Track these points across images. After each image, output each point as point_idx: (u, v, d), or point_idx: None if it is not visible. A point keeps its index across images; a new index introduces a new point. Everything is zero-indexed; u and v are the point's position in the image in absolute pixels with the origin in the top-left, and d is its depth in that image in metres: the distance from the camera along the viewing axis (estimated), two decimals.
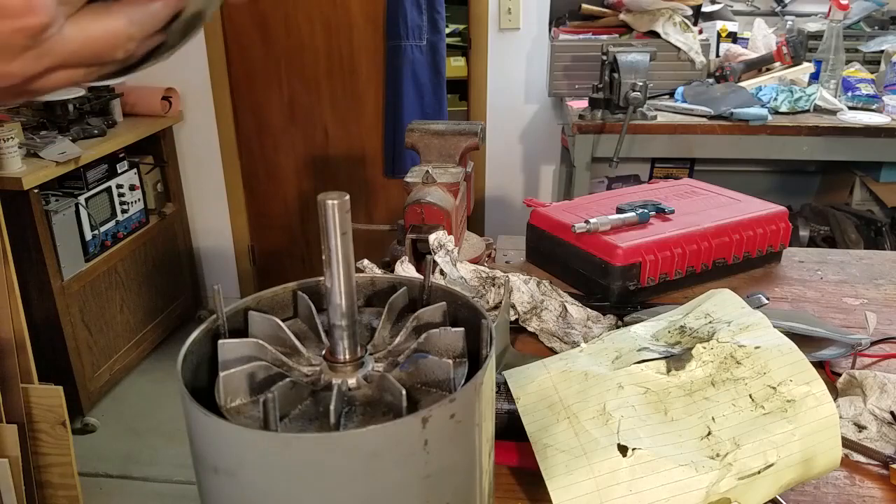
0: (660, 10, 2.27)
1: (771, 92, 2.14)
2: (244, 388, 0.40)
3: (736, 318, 0.69)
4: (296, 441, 0.34)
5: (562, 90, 2.37)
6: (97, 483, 2.17)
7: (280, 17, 2.70)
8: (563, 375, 0.64)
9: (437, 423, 0.35)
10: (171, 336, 2.82)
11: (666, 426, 0.59)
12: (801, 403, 0.59)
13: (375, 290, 0.50)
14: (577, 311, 0.90)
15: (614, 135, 2.00)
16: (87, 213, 2.25)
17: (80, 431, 2.33)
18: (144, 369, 2.68)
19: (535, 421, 0.61)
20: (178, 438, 2.31)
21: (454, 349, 0.43)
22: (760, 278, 1.09)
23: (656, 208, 1.06)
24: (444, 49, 2.63)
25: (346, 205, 0.37)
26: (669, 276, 1.00)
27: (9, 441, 1.62)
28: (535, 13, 2.59)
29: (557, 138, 2.75)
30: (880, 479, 0.65)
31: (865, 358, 0.85)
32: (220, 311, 0.43)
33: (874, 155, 2.08)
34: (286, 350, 0.43)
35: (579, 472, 0.55)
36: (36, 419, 1.70)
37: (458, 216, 1.08)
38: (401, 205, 1.07)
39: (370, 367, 0.41)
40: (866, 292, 1.04)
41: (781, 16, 2.57)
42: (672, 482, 0.55)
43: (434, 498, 0.37)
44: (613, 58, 2.00)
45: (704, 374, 0.62)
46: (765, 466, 0.56)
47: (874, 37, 2.40)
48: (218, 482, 0.36)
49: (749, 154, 2.14)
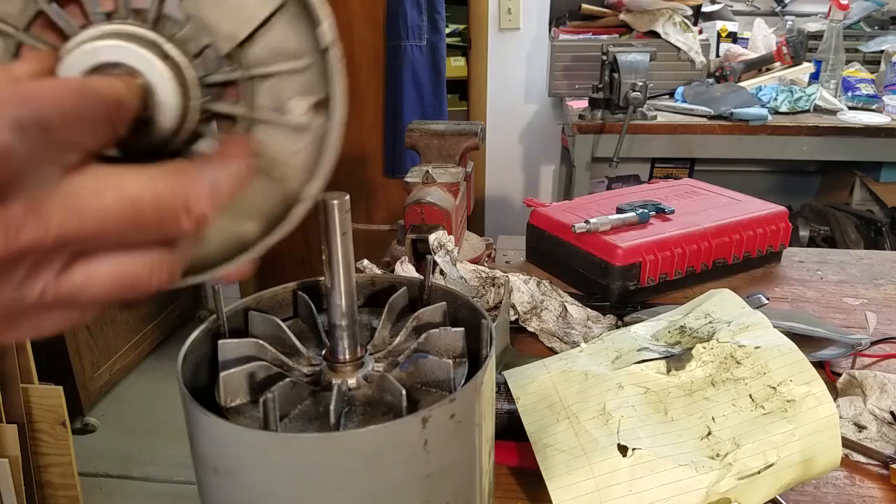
0: (660, 10, 2.27)
1: (771, 92, 2.14)
2: (244, 388, 0.40)
3: (736, 318, 0.69)
4: (296, 441, 0.34)
5: (562, 90, 2.37)
6: (97, 483, 2.17)
7: None
8: (563, 375, 0.64)
9: (437, 423, 0.35)
10: (171, 336, 2.82)
11: (666, 426, 0.59)
12: (801, 403, 0.59)
13: (375, 290, 0.50)
14: (577, 311, 0.90)
15: (614, 135, 2.00)
16: None
17: (80, 431, 2.33)
18: (144, 369, 2.68)
19: (535, 421, 0.61)
20: (178, 438, 2.31)
21: (454, 349, 0.43)
22: (760, 278, 1.09)
23: (656, 208, 1.06)
24: (444, 49, 2.63)
25: (346, 205, 0.37)
26: (669, 276, 1.00)
27: (9, 441, 1.62)
28: (535, 13, 2.59)
29: (557, 138, 2.75)
30: (880, 479, 0.65)
31: (865, 358, 0.85)
32: (220, 311, 0.43)
33: (874, 155, 2.08)
34: (286, 350, 0.43)
35: (579, 472, 0.55)
36: (36, 419, 1.70)
37: (458, 216, 1.08)
38: (401, 205, 1.07)
39: (370, 367, 0.41)
40: (866, 292, 1.04)
41: (781, 16, 2.57)
42: (672, 482, 0.55)
43: (434, 498, 0.37)
44: (613, 58, 2.00)
45: (704, 374, 0.62)
46: (765, 466, 0.56)
47: (874, 37, 2.40)
48: (218, 482, 0.36)
49: (749, 154, 2.14)
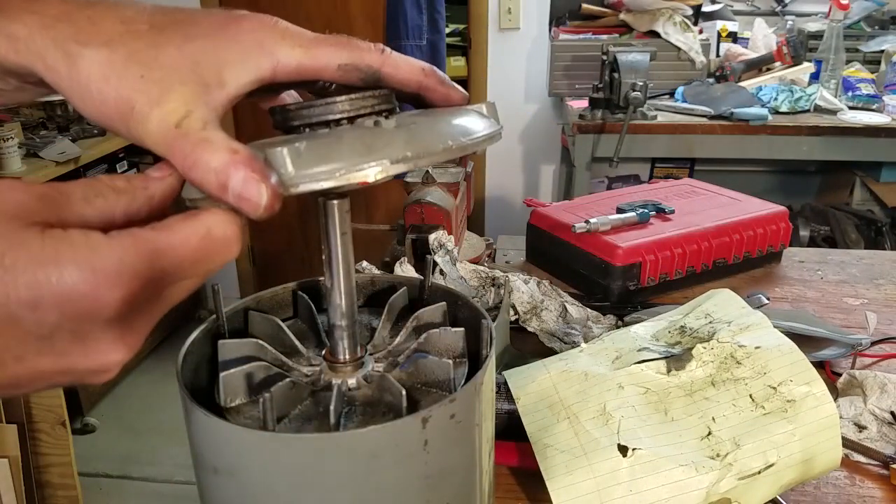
0: (660, 10, 2.27)
1: (771, 92, 2.14)
2: (244, 389, 0.40)
3: (736, 318, 0.69)
4: (296, 441, 0.34)
5: (562, 90, 2.37)
6: (97, 483, 2.17)
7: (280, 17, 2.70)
8: (563, 375, 0.64)
9: (437, 424, 0.35)
10: (170, 336, 2.82)
11: (666, 426, 0.59)
12: (802, 403, 0.58)
13: (375, 290, 0.50)
14: (577, 311, 0.90)
15: (614, 135, 2.00)
16: None
17: (79, 431, 2.33)
18: (144, 369, 2.68)
19: (535, 421, 0.61)
20: (178, 438, 2.31)
21: (454, 349, 0.43)
22: (761, 278, 1.09)
23: (656, 208, 1.06)
24: (444, 49, 2.63)
25: (346, 205, 0.37)
26: (669, 276, 1.00)
27: (9, 441, 1.62)
28: (535, 13, 2.59)
29: (557, 138, 2.75)
30: (880, 479, 0.65)
31: (865, 358, 0.85)
32: (219, 311, 0.43)
33: (874, 155, 2.08)
34: (286, 350, 0.43)
35: (579, 472, 0.55)
36: (36, 419, 1.70)
37: (458, 216, 1.08)
38: (401, 205, 1.07)
39: (370, 367, 0.41)
40: (866, 292, 1.04)
41: (781, 16, 2.57)
42: (672, 482, 0.55)
43: (434, 498, 0.37)
44: (613, 58, 2.00)
45: (704, 374, 0.62)
46: (765, 466, 0.56)
47: (874, 37, 2.40)
48: (218, 482, 0.36)
49: (749, 154, 2.14)
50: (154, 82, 0.29)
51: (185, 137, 0.29)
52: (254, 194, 0.28)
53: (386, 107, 0.34)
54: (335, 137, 0.31)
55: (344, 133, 0.31)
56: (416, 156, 0.30)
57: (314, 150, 0.29)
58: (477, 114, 0.35)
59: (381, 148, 0.30)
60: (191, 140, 0.28)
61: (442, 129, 0.32)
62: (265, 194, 0.28)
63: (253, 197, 0.28)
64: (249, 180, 0.28)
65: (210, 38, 0.30)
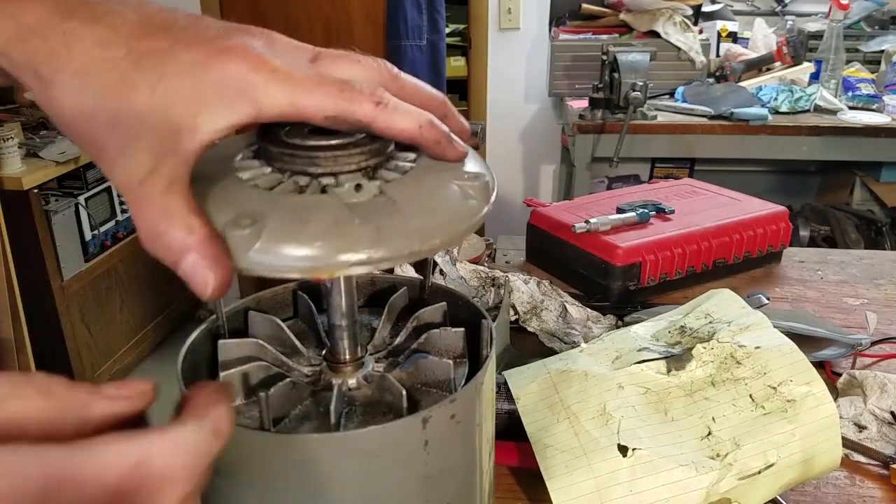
0: (660, 10, 2.27)
1: (771, 92, 2.14)
2: (244, 389, 0.40)
3: (736, 318, 0.69)
4: (296, 441, 0.34)
5: (562, 90, 2.37)
6: None
7: (280, 17, 2.70)
8: (563, 375, 0.64)
9: (437, 424, 0.35)
10: (171, 336, 2.82)
11: (666, 426, 0.59)
12: (802, 403, 0.59)
13: (375, 290, 0.50)
14: (577, 311, 0.90)
15: (614, 135, 2.00)
16: (86, 213, 2.25)
17: None
18: (144, 369, 2.68)
19: (535, 421, 0.61)
20: None
21: (454, 349, 0.43)
22: (760, 278, 1.09)
23: (656, 208, 1.06)
24: (444, 49, 2.63)
25: None
26: (669, 276, 1.00)
27: None
28: (535, 13, 2.59)
29: (557, 138, 2.75)
30: (880, 479, 0.65)
31: (865, 358, 0.85)
32: (220, 311, 0.43)
33: (874, 155, 2.08)
34: (286, 350, 0.43)
35: (579, 472, 0.55)
36: None
37: None
38: None
39: (370, 367, 0.41)
40: (866, 292, 1.04)
41: (781, 16, 2.57)
42: (672, 482, 0.55)
43: (434, 498, 0.37)
44: (613, 58, 2.00)
45: (704, 374, 0.62)
46: (765, 466, 0.56)
47: (874, 37, 2.40)
48: (218, 482, 0.36)
49: (749, 154, 2.14)
50: (123, 129, 0.27)
51: (145, 202, 0.27)
52: (200, 282, 0.27)
53: (374, 161, 0.32)
54: (301, 221, 0.29)
55: (312, 215, 0.29)
56: (381, 259, 0.29)
57: (275, 235, 0.28)
58: (462, 194, 0.33)
59: (345, 248, 0.28)
60: (152, 207, 0.27)
61: (415, 224, 0.30)
62: (211, 284, 0.27)
63: (199, 284, 0.27)
64: (198, 266, 0.27)
65: (188, 76, 0.28)
